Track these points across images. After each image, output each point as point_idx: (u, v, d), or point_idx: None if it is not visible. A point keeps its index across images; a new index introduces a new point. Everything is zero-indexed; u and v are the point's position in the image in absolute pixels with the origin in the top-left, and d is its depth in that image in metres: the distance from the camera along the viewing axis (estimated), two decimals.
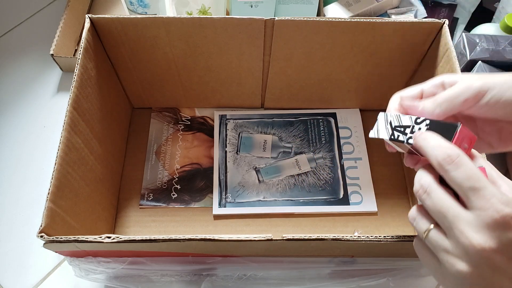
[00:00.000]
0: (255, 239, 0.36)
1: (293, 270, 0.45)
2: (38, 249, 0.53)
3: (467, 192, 0.26)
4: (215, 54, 0.53)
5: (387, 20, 0.48)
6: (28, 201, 0.57)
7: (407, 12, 0.68)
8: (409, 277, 0.48)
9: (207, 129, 0.63)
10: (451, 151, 0.27)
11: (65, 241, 0.36)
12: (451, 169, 0.26)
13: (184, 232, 0.54)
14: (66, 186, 0.41)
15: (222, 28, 0.49)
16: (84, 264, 0.42)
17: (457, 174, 0.26)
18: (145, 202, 0.56)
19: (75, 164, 0.43)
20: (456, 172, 0.26)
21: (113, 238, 0.36)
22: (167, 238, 0.36)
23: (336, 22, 0.48)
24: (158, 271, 0.45)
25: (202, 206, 0.57)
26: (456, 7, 0.70)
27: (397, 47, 0.51)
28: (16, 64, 0.70)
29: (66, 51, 0.67)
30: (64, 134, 0.41)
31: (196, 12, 0.62)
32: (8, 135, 0.63)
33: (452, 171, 0.26)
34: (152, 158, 0.60)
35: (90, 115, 0.47)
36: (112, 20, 0.47)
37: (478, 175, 0.26)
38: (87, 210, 0.46)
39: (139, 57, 0.53)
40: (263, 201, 0.56)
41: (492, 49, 0.55)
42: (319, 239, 0.37)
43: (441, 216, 0.27)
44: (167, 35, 0.50)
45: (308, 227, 0.55)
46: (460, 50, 0.56)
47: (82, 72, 0.45)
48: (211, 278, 0.48)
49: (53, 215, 0.38)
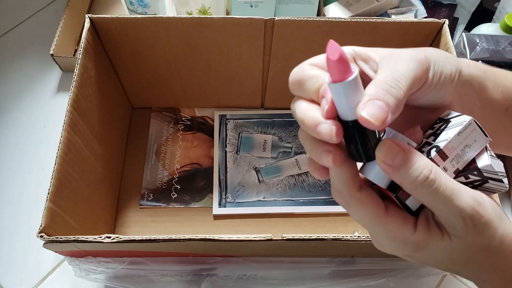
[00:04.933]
0: (255, 239, 0.36)
1: (293, 270, 0.45)
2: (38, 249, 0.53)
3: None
4: (215, 54, 0.53)
5: (387, 20, 0.48)
6: (28, 201, 0.57)
7: (407, 12, 0.68)
8: (409, 277, 0.48)
9: (207, 129, 0.63)
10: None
11: (65, 241, 0.36)
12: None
13: (184, 232, 0.54)
14: (66, 186, 0.41)
15: (222, 28, 0.49)
16: (84, 264, 0.42)
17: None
18: (145, 202, 0.56)
19: (75, 164, 0.43)
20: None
21: (113, 238, 0.36)
22: (167, 238, 0.36)
23: (336, 22, 0.48)
24: (158, 271, 0.45)
25: (202, 206, 0.56)
26: (456, 7, 0.70)
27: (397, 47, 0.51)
28: (16, 64, 0.70)
29: (66, 51, 0.67)
30: (64, 134, 0.41)
31: (196, 12, 0.62)
32: (8, 135, 0.63)
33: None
34: (152, 158, 0.60)
35: (90, 115, 0.47)
36: (112, 20, 0.47)
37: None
38: (87, 210, 0.46)
39: (139, 57, 0.53)
40: (263, 201, 0.56)
41: (492, 49, 0.55)
42: (319, 239, 0.37)
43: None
44: (167, 35, 0.50)
45: (308, 227, 0.55)
46: (460, 50, 0.56)
47: (82, 72, 0.45)
48: (211, 278, 0.48)
49: (53, 215, 0.38)
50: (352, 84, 0.21)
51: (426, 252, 0.24)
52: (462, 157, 0.24)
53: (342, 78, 0.21)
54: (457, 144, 0.23)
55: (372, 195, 0.24)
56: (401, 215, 0.24)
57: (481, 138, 0.24)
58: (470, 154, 0.24)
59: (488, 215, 0.22)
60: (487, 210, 0.23)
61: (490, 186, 0.24)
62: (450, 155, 0.23)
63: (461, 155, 0.24)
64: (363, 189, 0.24)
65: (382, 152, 0.22)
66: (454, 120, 0.24)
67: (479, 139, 0.24)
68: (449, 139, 0.23)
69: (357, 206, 0.24)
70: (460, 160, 0.24)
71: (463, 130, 0.23)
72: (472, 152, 0.24)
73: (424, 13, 0.68)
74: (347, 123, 0.22)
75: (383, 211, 0.24)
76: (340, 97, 0.21)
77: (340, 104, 0.22)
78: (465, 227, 0.22)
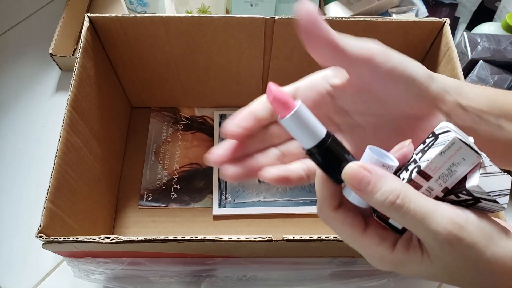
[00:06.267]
0: (255, 240, 0.36)
1: (294, 271, 0.45)
2: (37, 249, 0.53)
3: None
4: (215, 53, 0.52)
5: (388, 19, 0.48)
6: (27, 201, 0.57)
7: (408, 11, 0.68)
8: (409, 277, 0.47)
9: (206, 128, 0.62)
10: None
11: (64, 241, 0.36)
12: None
13: (183, 232, 0.54)
14: (65, 186, 0.41)
15: (222, 27, 0.48)
16: (83, 264, 0.42)
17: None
18: (145, 202, 0.56)
19: (74, 164, 0.42)
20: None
21: (112, 238, 0.36)
22: (166, 239, 0.36)
23: (336, 21, 0.47)
24: (158, 272, 0.45)
25: (201, 206, 0.56)
26: (457, 6, 0.70)
27: (398, 46, 0.50)
28: (15, 64, 0.70)
29: (65, 50, 0.67)
30: (63, 134, 0.41)
31: (196, 11, 0.62)
32: (7, 134, 0.63)
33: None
34: (152, 158, 0.60)
35: (89, 114, 0.46)
36: (112, 19, 0.47)
37: None
38: (86, 210, 0.46)
39: (138, 56, 0.53)
40: (263, 201, 0.56)
41: (494, 49, 0.55)
42: (319, 239, 0.36)
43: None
44: (166, 34, 0.49)
45: (309, 227, 0.55)
46: (461, 50, 0.56)
47: (81, 72, 0.44)
48: (211, 279, 0.48)
49: (52, 215, 0.38)
50: (293, 119, 0.22)
51: (407, 269, 0.24)
52: (449, 176, 0.22)
53: (283, 115, 0.23)
54: (441, 163, 0.22)
55: (349, 215, 0.24)
56: (379, 234, 0.24)
57: (471, 156, 0.22)
58: (460, 172, 0.22)
59: (471, 237, 0.21)
60: (471, 233, 0.22)
61: (484, 205, 0.23)
62: (434, 175, 0.22)
63: (448, 174, 0.22)
64: (341, 209, 0.24)
65: (347, 176, 0.22)
66: (442, 137, 0.22)
67: (469, 157, 0.22)
68: (430, 159, 0.22)
69: (333, 224, 0.25)
70: (448, 179, 0.22)
71: (446, 150, 0.22)
72: (462, 169, 0.22)
73: (425, 12, 0.68)
74: (308, 151, 0.23)
75: (361, 230, 0.24)
76: (290, 129, 0.23)
77: (294, 135, 0.23)
78: (441, 249, 0.22)
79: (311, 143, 0.23)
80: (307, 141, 0.23)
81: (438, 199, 0.23)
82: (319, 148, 0.23)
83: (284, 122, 0.23)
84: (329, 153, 0.23)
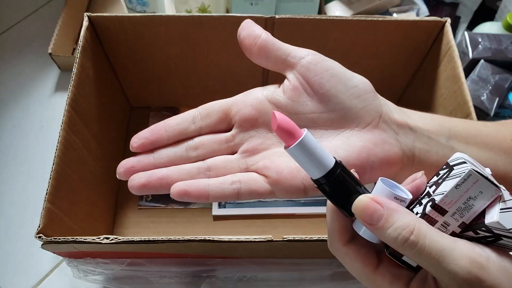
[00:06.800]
0: (255, 240, 0.36)
1: (294, 271, 0.45)
2: (36, 250, 0.53)
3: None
4: (215, 52, 0.52)
5: (389, 18, 0.47)
6: (26, 201, 0.57)
7: (409, 11, 0.67)
8: None
9: None
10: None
11: (63, 241, 0.35)
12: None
13: (183, 233, 0.54)
14: (64, 187, 0.40)
15: (221, 26, 0.48)
16: (82, 265, 0.41)
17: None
18: (144, 202, 0.56)
19: (73, 164, 0.42)
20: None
21: (112, 239, 0.36)
22: (166, 239, 0.36)
23: (337, 20, 0.47)
24: (157, 273, 0.45)
25: (201, 206, 0.56)
26: (458, 6, 0.69)
27: (399, 46, 0.51)
28: (13, 63, 0.69)
29: (64, 50, 0.66)
30: (62, 133, 0.40)
31: (196, 10, 0.62)
32: (5, 134, 0.62)
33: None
34: None
35: (88, 114, 0.46)
36: (111, 19, 0.47)
37: None
38: (86, 210, 0.46)
39: (137, 55, 0.53)
40: (263, 202, 0.56)
41: (495, 48, 0.55)
42: (320, 240, 0.36)
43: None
44: (166, 33, 0.49)
45: (309, 228, 0.55)
46: (462, 49, 0.56)
47: (80, 71, 0.44)
48: (211, 279, 0.48)
49: (51, 215, 0.38)
50: (299, 148, 0.21)
51: None
52: (466, 210, 0.21)
53: (289, 144, 0.21)
54: (456, 197, 0.21)
55: (361, 250, 0.23)
56: (392, 273, 0.23)
57: (489, 189, 0.20)
58: (478, 206, 0.21)
59: (493, 278, 0.20)
60: (492, 273, 0.20)
61: (505, 243, 0.21)
62: (449, 209, 0.21)
63: (465, 208, 0.21)
64: (353, 243, 0.23)
65: (357, 209, 0.21)
66: (457, 169, 0.21)
67: (487, 190, 0.20)
68: (445, 193, 0.21)
69: (344, 260, 0.24)
70: (465, 214, 0.21)
71: (462, 183, 0.20)
72: (480, 203, 0.21)
73: (426, 11, 0.68)
74: (316, 182, 0.22)
75: (373, 267, 0.23)
76: (296, 159, 0.22)
77: (301, 165, 0.22)
78: None
79: (319, 173, 0.22)
80: (315, 171, 0.22)
81: (455, 235, 0.21)
82: (327, 179, 0.21)
83: (290, 151, 0.22)
84: (339, 184, 0.22)
